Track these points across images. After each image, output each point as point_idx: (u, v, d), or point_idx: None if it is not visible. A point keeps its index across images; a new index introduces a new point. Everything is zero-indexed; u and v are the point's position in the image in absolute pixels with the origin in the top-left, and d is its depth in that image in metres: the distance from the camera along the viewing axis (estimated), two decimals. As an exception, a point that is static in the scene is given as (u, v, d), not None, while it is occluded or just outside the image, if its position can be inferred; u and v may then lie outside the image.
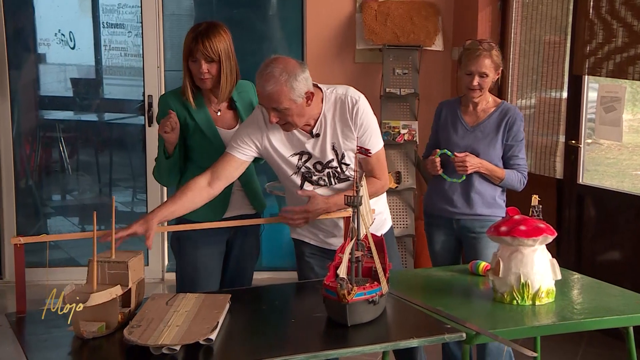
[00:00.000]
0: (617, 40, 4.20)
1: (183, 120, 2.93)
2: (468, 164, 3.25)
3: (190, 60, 2.88)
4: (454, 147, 3.34)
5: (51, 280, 4.94)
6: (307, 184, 2.84)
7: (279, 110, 2.63)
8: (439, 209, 3.42)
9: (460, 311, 2.41)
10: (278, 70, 2.59)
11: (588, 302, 2.59)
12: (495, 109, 3.38)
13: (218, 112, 3.00)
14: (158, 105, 3.04)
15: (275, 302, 2.49)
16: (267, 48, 5.51)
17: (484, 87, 3.31)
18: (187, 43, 2.88)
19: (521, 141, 3.36)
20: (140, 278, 2.32)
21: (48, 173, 5.66)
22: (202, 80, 2.88)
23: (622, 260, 4.36)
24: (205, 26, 2.89)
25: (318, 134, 2.77)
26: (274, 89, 2.58)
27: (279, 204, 5.57)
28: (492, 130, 3.34)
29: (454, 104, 3.47)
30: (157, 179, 3.11)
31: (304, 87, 2.63)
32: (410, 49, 5.20)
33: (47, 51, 5.42)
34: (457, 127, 3.39)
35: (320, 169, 2.81)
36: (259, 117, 2.79)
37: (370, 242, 2.30)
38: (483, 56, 3.27)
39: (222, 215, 2.96)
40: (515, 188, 3.36)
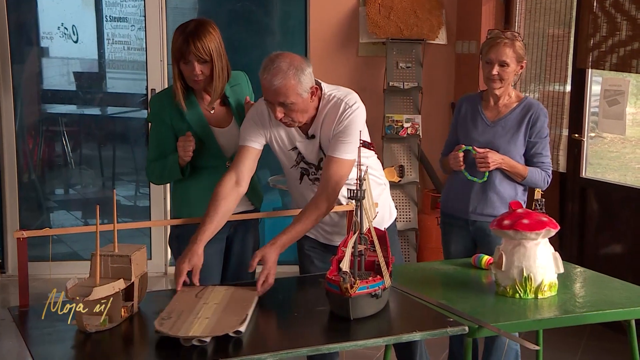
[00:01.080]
0: (621, 34, 4.18)
1: (176, 122, 2.89)
2: (490, 159, 3.16)
3: (182, 63, 2.81)
4: (473, 142, 3.25)
5: (54, 274, 4.95)
6: (305, 178, 2.85)
7: (285, 105, 2.61)
8: (455, 208, 3.34)
9: (463, 305, 2.41)
10: (285, 64, 2.58)
11: (590, 296, 2.59)
12: (517, 104, 3.28)
13: (212, 110, 2.96)
14: (150, 105, 2.99)
15: (277, 295, 2.48)
16: (270, 41, 5.50)
17: (505, 78, 3.21)
18: (176, 45, 2.80)
19: (545, 138, 3.25)
20: (143, 272, 2.32)
21: (51, 167, 5.67)
22: (195, 81, 2.83)
23: (625, 254, 4.36)
24: (193, 26, 2.81)
25: (314, 135, 2.76)
26: (282, 83, 2.57)
27: (282, 198, 5.57)
28: (514, 125, 3.24)
29: (475, 99, 3.37)
30: (153, 181, 3.09)
31: (310, 82, 2.63)
32: (414, 43, 5.19)
33: (50, 45, 5.42)
34: (477, 122, 3.30)
35: (317, 167, 2.81)
36: (263, 109, 2.78)
37: (373, 235, 2.29)
38: (504, 45, 3.18)
39: None
40: (539, 187, 3.20)
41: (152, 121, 2.95)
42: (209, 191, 2.92)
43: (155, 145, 2.94)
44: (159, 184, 3.17)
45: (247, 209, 3.02)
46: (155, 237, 5.39)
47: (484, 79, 3.28)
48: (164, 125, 2.90)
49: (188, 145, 2.79)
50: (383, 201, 3.01)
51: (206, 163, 2.92)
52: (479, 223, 3.26)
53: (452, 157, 3.27)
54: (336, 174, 2.67)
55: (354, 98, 2.75)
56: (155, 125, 2.93)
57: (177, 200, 3.03)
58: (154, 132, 2.95)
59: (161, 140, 2.92)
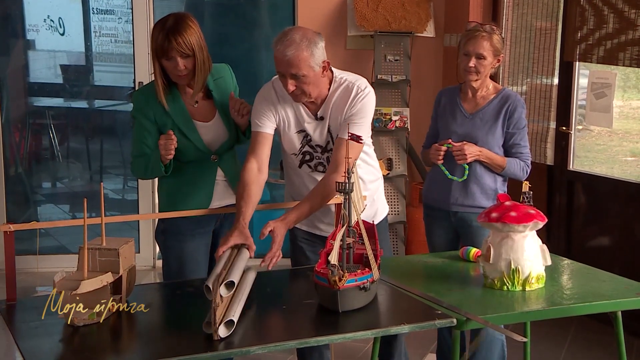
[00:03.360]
0: (608, 27, 4.19)
1: (159, 117, 2.88)
2: (467, 151, 3.18)
3: (164, 59, 2.78)
4: (452, 134, 3.28)
5: (41, 267, 4.93)
6: (305, 166, 2.87)
7: (297, 77, 2.64)
8: (437, 200, 3.36)
9: (451, 297, 2.42)
10: (298, 36, 2.63)
11: (577, 288, 2.60)
12: (495, 95, 3.30)
13: (195, 104, 2.93)
14: (133, 101, 2.97)
15: (266, 289, 2.48)
16: (257, 34, 5.48)
17: (481, 70, 3.23)
18: (157, 42, 2.76)
19: (523, 129, 3.28)
20: (131, 265, 2.31)
21: (38, 160, 5.64)
22: (180, 77, 2.81)
23: (611, 246, 4.38)
24: (172, 21, 2.78)
25: (322, 117, 2.79)
26: (295, 54, 2.61)
27: (270, 191, 5.57)
28: (492, 117, 3.26)
29: (453, 92, 3.40)
30: (138, 176, 3.08)
31: (322, 56, 2.67)
32: (402, 36, 5.19)
33: (36, 37, 5.38)
34: (455, 115, 3.32)
35: (321, 152, 2.83)
36: (270, 92, 2.82)
37: (361, 228, 2.29)
38: (482, 38, 3.21)
39: (207, 207, 2.93)
40: (517, 177, 3.26)
41: (135, 117, 2.92)
42: (194, 186, 2.93)
43: (138, 141, 2.91)
44: (144, 179, 3.16)
45: (233, 204, 2.99)
46: (143, 230, 5.37)
47: (460, 70, 3.30)
48: (147, 120, 2.88)
49: (169, 144, 2.76)
50: (379, 194, 3.03)
51: (190, 157, 2.90)
52: (461, 214, 3.29)
53: (433, 149, 3.29)
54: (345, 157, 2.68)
55: (365, 82, 2.81)
56: (138, 120, 2.90)
57: (162, 196, 3.02)
58: (138, 128, 2.92)
59: (144, 136, 2.89)
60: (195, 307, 2.30)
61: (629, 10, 4.06)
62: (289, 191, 3.03)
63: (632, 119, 4.74)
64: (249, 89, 3.05)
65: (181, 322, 2.20)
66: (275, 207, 3.54)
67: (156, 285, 2.68)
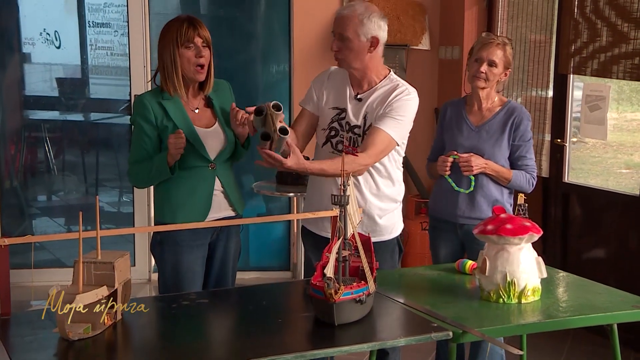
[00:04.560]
0: (602, 40, 4.21)
1: (160, 122, 2.90)
2: (473, 163, 3.19)
3: (184, 48, 2.85)
4: (458, 147, 3.28)
5: (36, 281, 4.90)
6: (328, 145, 2.97)
7: (342, 38, 2.83)
8: (443, 212, 3.36)
9: (447, 310, 2.41)
10: (360, 5, 2.85)
11: (573, 300, 2.60)
12: (501, 108, 3.31)
13: (196, 110, 2.98)
14: (134, 105, 2.99)
15: (262, 302, 2.47)
16: (254, 46, 5.49)
17: (490, 78, 3.24)
18: (180, 30, 2.84)
19: (529, 141, 3.29)
20: (127, 279, 2.30)
21: (33, 173, 5.62)
22: (198, 69, 2.88)
23: (607, 258, 4.38)
24: (186, 16, 2.92)
25: (361, 99, 2.92)
26: (346, 14, 2.83)
27: (266, 204, 5.56)
28: (498, 129, 3.27)
29: (458, 104, 3.40)
30: (136, 183, 3.09)
31: (373, 30, 2.84)
32: (397, 48, 5.20)
33: (32, 50, 5.38)
34: (461, 127, 3.33)
35: (348, 129, 2.92)
36: (323, 74, 3.05)
37: (357, 241, 2.29)
38: (496, 46, 3.23)
39: (204, 218, 2.93)
40: (523, 189, 3.26)
41: (135, 122, 2.94)
42: (192, 195, 2.93)
43: (138, 146, 2.92)
44: (142, 187, 3.18)
45: (229, 215, 3.02)
46: (138, 243, 5.35)
47: (469, 77, 3.31)
48: (148, 124, 2.89)
49: (180, 142, 2.79)
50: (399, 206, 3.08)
51: (190, 164, 2.91)
52: (467, 226, 3.25)
53: (439, 160, 3.29)
54: (376, 146, 2.82)
55: (414, 90, 2.96)
56: (139, 125, 2.92)
57: (159, 204, 3.01)
58: (138, 133, 2.93)
59: (144, 141, 2.90)
60: (190, 321, 2.28)
61: (622, 24, 4.08)
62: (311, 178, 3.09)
63: (627, 131, 4.75)
64: (244, 102, 3.05)
65: (177, 336, 2.19)
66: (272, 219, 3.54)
67: (152, 298, 2.67)
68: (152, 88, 3.00)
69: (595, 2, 4.24)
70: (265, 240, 5.52)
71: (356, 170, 2.80)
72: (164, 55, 2.89)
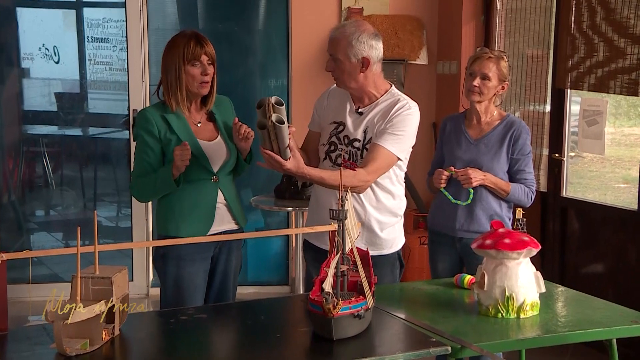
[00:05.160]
0: (599, 55, 4.22)
1: (164, 135, 2.92)
2: (471, 175, 3.20)
3: (190, 65, 2.89)
4: (457, 160, 3.30)
5: (34, 296, 4.89)
6: (327, 160, 2.97)
7: (334, 58, 2.87)
8: (442, 225, 3.37)
9: (446, 325, 2.41)
10: (350, 25, 2.88)
11: (572, 315, 2.59)
12: (499, 121, 3.33)
13: (198, 123, 3.00)
14: (137, 119, 3.01)
15: (260, 316, 2.46)
16: (252, 61, 5.50)
17: (484, 92, 3.26)
18: (186, 49, 2.88)
19: (527, 155, 3.30)
20: (125, 294, 2.29)
21: (31, 188, 5.61)
22: (203, 84, 2.92)
23: (605, 273, 4.37)
24: (192, 32, 2.96)
25: (362, 112, 2.93)
26: (336, 36, 2.86)
27: (264, 218, 5.55)
28: (497, 143, 3.29)
29: (458, 118, 3.43)
30: (140, 197, 3.09)
31: (363, 51, 2.84)
32: (395, 63, 5.21)
33: (31, 65, 5.39)
34: (460, 141, 3.34)
35: (347, 144, 2.92)
36: (327, 90, 3.09)
37: (355, 256, 2.29)
38: (488, 59, 3.25)
39: (207, 231, 2.95)
40: (522, 203, 3.27)
41: (139, 135, 2.95)
42: (195, 207, 2.94)
43: (142, 160, 2.94)
44: (145, 201, 3.20)
45: (232, 229, 3.03)
46: (137, 258, 5.34)
47: (465, 91, 3.33)
48: (151, 138, 2.91)
49: (185, 154, 2.81)
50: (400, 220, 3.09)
51: (193, 176, 2.92)
52: (466, 240, 3.26)
53: (436, 173, 3.31)
54: (376, 162, 2.82)
55: (415, 105, 2.96)
56: (142, 138, 2.94)
57: (162, 217, 3.01)
58: (141, 147, 2.95)
59: (148, 154, 2.92)
60: (189, 336, 2.27)
61: (618, 39, 4.09)
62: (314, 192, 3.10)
63: (624, 145, 4.76)
64: (243, 116, 3.09)
65: (175, 351, 2.18)
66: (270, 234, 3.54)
67: (150, 313, 2.66)
68: (156, 102, 3.02)
69: (592, 17, 4.25)
70: (263, 254, 5.51)
71: (356, 185, 2.79)
72: (169, 70, 2.92)
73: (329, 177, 2.77)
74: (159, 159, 2.93)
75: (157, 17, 5.33)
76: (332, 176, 2.76)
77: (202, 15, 5.54)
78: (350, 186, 2.68)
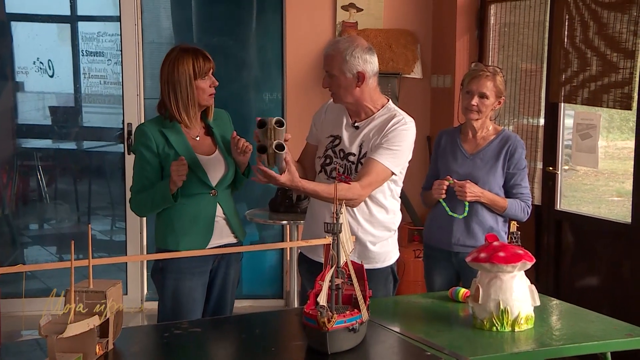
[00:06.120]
0: (592, 69, 4.23)
1: (162, 150, 2.92)
2: (467, 190, 3.20)
3: (199, 79, 2.94)
4: (453, 175, 3.30)
5: (27, 310, 4.85)
6: (322, 173, 2.98)
7: (330, 75, 2.88)
8: (438, 240, 3.36)
9: (441, 338, 2.41)
10: (344, 40, 2.89)
11: (567, 328, 2.60)
12: (495, 136, 3.34)
13: (197, 137, 3.01)
14: (134, 135, 3.02)
15: (255, 330, 2.46)
16: (247, 75, 5.50)
17: (482, 110, 3.27)
18: (196, 64, 2.93)
19: (523, 169, 3.31)
20: (119, 308, 2.28)
21: (25, 202, 5.58)
22: (211, 96, 3.00)
23: (600, 286, 4.37)
24: (194, 47, 3.02)
25: (358, 127, 2.95)
26: (330, 53, 2.87)
27: (259, 232, 5.53)
28: (492, 157, 3.29)
29: (453, 133, 3.43)
30: (139, 212, 3.09)
31: (358, 66, 2.86)
32: (390, 77, 5.21)
33: (26, 79, 5.37)
34: (456, 155, 3.35)
35: (342, 157, 2.93)
36: (325, 104, 3.11)
37: (350, 269, 2.28)
38: (485, 77, 3.25)
39: (206, 245, 2.95)
40: (518, 218, 3.29)
41: (137, 150, 2.96)
42: (194, 221, 2.95)
43: (140, 175, 2.95)
44: (144, 216, 3.21)
45: (231, 242, 3.03)
46: (131, 272, 5.31)
47: (462, 109, 3.33)
48: (150, 152, 2.92)
49: (182, 169, 2.82)
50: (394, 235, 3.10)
51: (192, 190, 2.93)
52: (462, 255, 3.23)
53: (436, 184, 3.30)
54: (370, 176, 2.82)
55: (411, 120, 2.96)
56: (140, 153, 2.95)
57: (161, 231, 3.01)
58: (140, 162, 2.96)
59: (146, 169, 2.93)
60: (183, 350, 2.27)
61: (611, 54, 4.10)
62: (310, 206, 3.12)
63: (618, 159, 4.77)
64: (238, 130, 3.09)
65: (169, 366, 2.18)
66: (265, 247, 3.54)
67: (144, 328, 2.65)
68: (153, 117, 3.04)
69: (585, 32, 4.27)
70: (258, 268, 5.49)
71: (350, 199, 2.79)
72: (179, 86, 2.92)
73: (323, 191, 2.78)
74: (157, 174, 2.94)
75: (151, 31, 5.33)
76: (326, 189, 2.77)
77: (196, 29, 5.54)
78: (344, 199, 2.68)
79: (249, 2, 5.43)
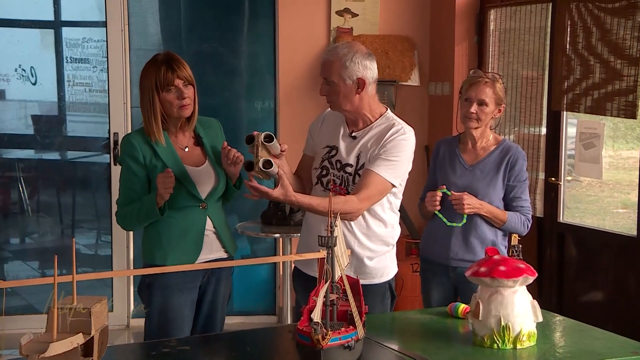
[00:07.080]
0: (595, 77, 4.22)
1: (149, 161, 2.88)
2: (465, 201, 3.16)
3: (164, 92, 2.84)
4: (452, 186, 3.26)
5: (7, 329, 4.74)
6: (319, 185, 2.93)
7: (328, 82, 2.82)
8: (435, 254, 3.33)
9: (439, 356, 2.35)
10: (343, 46, 2.84)
11: (570, 346, 2.54)
12: (495, 147, 3.30)
13: (185, 148, 2.96)
14: (121, 146, 2.99)
15: (246, 348, 2.40)
16: (238, 83, 5.50)
17: (482, 118, 3.23)
18: (157, 76, 2.84)
19: (524, 182, 3.28)
20: (104, 325, 2.21)
21: (6, 215, 5.51)
22: (183, 107, 2.86)
23: (605, 301, 4.34)
24: (164, 56, 2.91)
25: (355, 136, 2.90)
26: (329, 59, 2.82)
27: (250, 245, 5.52)
28: (493, 169, 3.26)
29: (452, 142, 3.40)
30: (125, 226, 3.04)
31: (358, 72, 2.80)
32: (386, 84, 5.20)
33: (7, 87, 5.31)
34: (455, 166, 3.32)
35: (339, 168, 2.88)
36: (322, 114, 3.06)
37: (345, 284, 2.22)
38: (484, 84, 3.22)
39: (195, 260, 2.92)
40: (518, 232, 3.25)
41: (123, 162, 2.92)
42: (183, 236, 2.92)
43: (127, 188, 2.91)
44: (131, 230, 3.18)
45: (221, 257, 2.99)
46: (117, 287, 5.26)
47: (461, 117, 3.31)
48: (136, 164, 2.87)
49: (169, 182, 2.76)
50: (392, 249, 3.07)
51: (180, 204, 2.88)
52: (460, 269, 3.20)
53: (428, 196, 3.26)
54: (369, 189, 2.76)
55: (410, 130, 2.91)
56: (127, 166, 2.90)
57: (148, 246, 2.97)
58: (126, 174, 2.92)
59: (133, 181, 2.89)
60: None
61: (614, 61, 4.09)
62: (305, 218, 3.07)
63: (623, 169, 4.78)
64: (228, 138, 3.06)
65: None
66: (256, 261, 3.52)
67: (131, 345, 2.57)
68: (140, 127, 2.98)
69: (588, 38, 4.25)
70: (250, 283, 5.47)
71: (347, 212, 2.75)
72: (144, 101, 2.89)
73: (318, 204, 2.74)
74: (144, 186, 2.90)
75: (139, 37, 5.30)
76: (321, 203, 2.73)
77: (185, 35, 5.53)
78: (340, 212, 2.64)
79: (241, 7, 5.41)
